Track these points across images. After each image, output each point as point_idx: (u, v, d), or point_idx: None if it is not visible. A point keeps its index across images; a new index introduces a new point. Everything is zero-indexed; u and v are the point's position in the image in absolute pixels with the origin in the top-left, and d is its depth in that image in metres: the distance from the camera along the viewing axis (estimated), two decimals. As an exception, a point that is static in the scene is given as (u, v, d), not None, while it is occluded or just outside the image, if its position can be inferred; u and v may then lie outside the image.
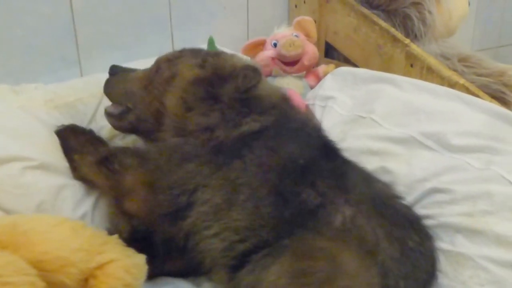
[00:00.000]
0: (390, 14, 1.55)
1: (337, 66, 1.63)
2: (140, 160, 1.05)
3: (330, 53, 1.81)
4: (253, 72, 1.09)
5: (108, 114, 1.19)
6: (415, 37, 1.51)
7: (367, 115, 1.24)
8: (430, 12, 1.49)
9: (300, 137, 1.07)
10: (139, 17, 1.52)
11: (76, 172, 1.13)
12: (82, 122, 1.27)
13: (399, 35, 1.41)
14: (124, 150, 1.10)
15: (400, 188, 1.07)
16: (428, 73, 1.32)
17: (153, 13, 1.55)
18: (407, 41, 1.39)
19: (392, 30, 1.43)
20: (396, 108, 1.20)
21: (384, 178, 1.09)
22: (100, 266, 0.86)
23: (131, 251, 0.94)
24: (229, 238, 0.94)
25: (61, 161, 1.14)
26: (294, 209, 0.94)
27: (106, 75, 1.30)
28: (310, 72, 1.66)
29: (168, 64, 1.15)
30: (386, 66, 1.47)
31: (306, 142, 1.06)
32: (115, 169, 1.05)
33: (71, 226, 0.88)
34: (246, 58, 1.34)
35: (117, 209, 1.08)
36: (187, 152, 1.03)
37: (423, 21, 1.50)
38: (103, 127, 1.28)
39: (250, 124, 1.05)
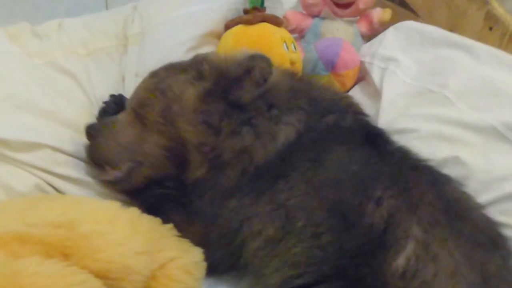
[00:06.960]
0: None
1: (393, 11, 1.55)
2: (187, 217, 1.00)
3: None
4: (264, 61, 1.02)
5: (113, 183, 1.04)
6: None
7: (439, 90, 1.18)
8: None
9: (340, 134, 1.01)
10: None
11: None
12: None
13: (479, -12, 1.30)
14: (166, 202, 1.02)
15: (473, 185, 1.03)
16: (510, 42, 1.23)
17: None
18: (488, -3, 1.29)
19: (470, -20, 1.32)
20: (474, 86, 1.15)
21: (456, 170, 1.06)
22: (160, 267, 0.86)
23: (187, 244, 0.94)
24: (286, 273, 0.90)
25: None
26: (358, 237, 0.88)
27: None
28: (363, 16, 1.57)
29: (152, 93, 1.04)
30: (456, 22, 1.38)
31: (349, 139, 1.00)
32: (163, 221, 0.99)
33: (128, 220, 0.86)
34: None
35: None
36: (227, 188, 0.97)
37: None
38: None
39: (286, 131, 1.00)
